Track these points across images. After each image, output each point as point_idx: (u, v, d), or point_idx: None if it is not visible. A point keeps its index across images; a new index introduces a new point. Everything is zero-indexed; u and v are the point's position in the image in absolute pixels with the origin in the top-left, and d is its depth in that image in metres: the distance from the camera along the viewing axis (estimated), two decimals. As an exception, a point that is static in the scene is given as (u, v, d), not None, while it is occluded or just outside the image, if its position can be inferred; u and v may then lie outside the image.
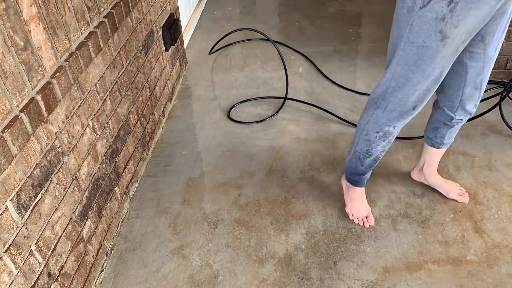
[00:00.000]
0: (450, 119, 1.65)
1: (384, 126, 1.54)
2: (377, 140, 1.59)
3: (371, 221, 1.78)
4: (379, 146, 1.60)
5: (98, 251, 1.66)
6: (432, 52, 1.33)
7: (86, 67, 1.50)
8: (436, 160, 1.83)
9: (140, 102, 2.05)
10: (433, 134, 1.75)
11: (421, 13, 1.28)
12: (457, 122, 1.66)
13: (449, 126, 1.68)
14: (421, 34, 1.31)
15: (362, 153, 1.65)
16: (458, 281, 1.56)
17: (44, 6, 1.27)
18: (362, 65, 2.87)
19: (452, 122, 1.66)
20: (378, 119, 1.54)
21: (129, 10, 1.87)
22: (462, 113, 1.62)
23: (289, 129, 2.33)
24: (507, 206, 1.82)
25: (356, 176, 1.76)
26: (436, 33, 1.29)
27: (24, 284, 1.21)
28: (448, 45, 1.31)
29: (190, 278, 1.62)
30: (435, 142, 1.77)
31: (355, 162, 1.70)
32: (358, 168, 1.71)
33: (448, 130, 1.70)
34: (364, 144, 1.62)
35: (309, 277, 1.60)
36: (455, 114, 1.62)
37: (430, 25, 1.28)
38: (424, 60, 1.35)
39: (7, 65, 1.11)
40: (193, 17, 3.47)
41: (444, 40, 1.30)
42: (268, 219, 1.83)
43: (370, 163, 1.68)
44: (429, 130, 1.77)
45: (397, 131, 1.57)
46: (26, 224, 1.21)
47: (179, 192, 1.99)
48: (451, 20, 1.25)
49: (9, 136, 1.12)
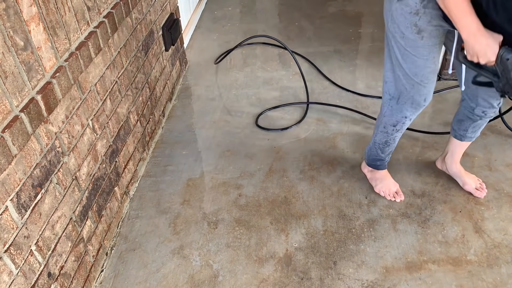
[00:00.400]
0: (471, 111, 1.66)
1: (400, 119, 1.64)
2: (394, 132, 1.72)
3: (401, 195, 1.88)
4: (396, 137, 1.75)
5: (98, 251, 1.66)
6: (412, 44, 1.40)
7: (86, 67, 1.50)
8: (458, 151, 1.86)
9: (140, 102, 2.05)
10: (457, 126, 1.78)
11: (398, 5, 1.35)
12: (479, 116, 1.65)
13: (472, 119, 1.69)
14: (400, 26, 1.38)
15: (381, 143, 1.79)
16: (458, 281, 1.56)
17: (44, 6, 1.27)
18: (362, 65, 2.86)
19: (474, 115, 1.66)
20: (393, 112, 1.63)
21: (129, 10, 1.87)
22: (485, 104, 1.60)
23: (289, 129, 2.33)
24: (507, 206, 1.82)
25: (378, 161, 1.88)
26: (412, 26, 1.36)
27: (24, 284, 1.21)
28: (426, 38, 1.37)
29: (190, 278, 1.62)
30: (458, 133, 1.80)
31: (375, 150, 1.84)
32: (379, 155, 1.85)
33: (472, 124, 1.71)
34: (382, 135, 1.76)
35: (309, 277, 1.60)
36: (476, 104, 1.62)
37: (406, 18, 1.35)
38: (409, 51, 1.42)
39: (7, 65, 1.11)
40: (193, 17, 3.47)
41: (421, 33, 1.36)
42: (268, 219, 1.83)
43: (390, 150, 1.83)
44: (454, 121, 1.80)
45: (411, 120, 1.66)
46: (26, 224, 1.21)
47: (179, 192, 1.99)
48: (424, 16, 1.31)
49: (9, 136, 1.12)
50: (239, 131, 2.34)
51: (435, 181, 1.95)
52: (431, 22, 1.33)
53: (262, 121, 2.39)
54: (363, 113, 2.38)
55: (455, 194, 1.89)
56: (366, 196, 1.91)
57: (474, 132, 1.75)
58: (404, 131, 1.77)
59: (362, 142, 2.21)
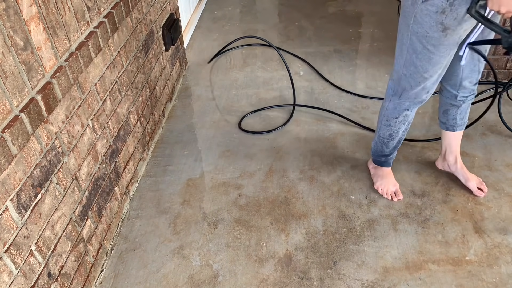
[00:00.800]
0: (455, 98, 1.73)
1: (402, 111, 1.70)
2: (397, 124, 1.75)
3: (399, 195, 1.88)
4: (400, 129, 1.77)
5: (98, 251, 1.66)
6: (435, 42, 1.44)
7: (86, 67, 1.50)
8: (455, 144, 1.88)
9: (140, 102, 2.05)
10: (445, 117, 1.83)
11: (423, 6, 1.38)
12: (462, 100, 1.73)
13: (456, 106, 1.76)
14: (424, 25, 1.42)
15: (385, 137, 1.82)
16: (458, 281, 1.56)
17: (44, 6, 1.27)
18: (362, 65, 2.86)
19: (458, 101, 1.74)
20: (395, 106, 1.70)
21: (129, 10, 1.87)
22: (465, 90, 1.70)
23: (289, 129, 2.33)
24: (507, 206, 1.82)
25: (382, 157, 1.90)
26: (438, 24, 1.40)
27: (24, 284, 1.21)
28: (449, 35, 1.42)
29: (190, 278, 1.62)
30: (449, 125, 1.83)
31: (380, 145, 1.86)
32: (384, 150, 1.87)
33: (457, 110, 1.78)
34: (386, 129, 1.79)
35: (309, 277, 1.60)
36: (458, 91, 1.71)
37: (431, 18, 1.39)
38: (429, 49, 1.47)
39: (7, 65, 1.11)
40: (193, 17, 3.47)
41: (445, 31, 1.41)
42: (268, 219, 1.83)
43: (395, 145, 1.84)
44: (441, 115, 1.85)
45: (414, 113, 1.72)
46: (26, 224, 1.21)
47: (179, 192, 1.99)
48: (450, 13, 1.35)
49: (9, 136, 1.12)
50: (239, 131, 2.34)
51: (435, 181, 1.95)
52: (456, 19, 1.37)
53: (262, 121, 2.39)
54: (352, 121, 2.35)
55: (455, 194, 1.89)
56: (366, 196, 1.91)
57: (462, 119, 1.80)
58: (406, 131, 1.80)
59: (362, 142, 2.21)
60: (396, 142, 1.83)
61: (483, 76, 2.57)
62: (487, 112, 2.31)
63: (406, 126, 1.77)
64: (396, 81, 1.65)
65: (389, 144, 1.84)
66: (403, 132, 1.80)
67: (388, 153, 1.88)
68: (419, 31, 1.45)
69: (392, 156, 1.89)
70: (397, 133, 1.79)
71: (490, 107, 2.03)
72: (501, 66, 2.54)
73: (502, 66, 2.54)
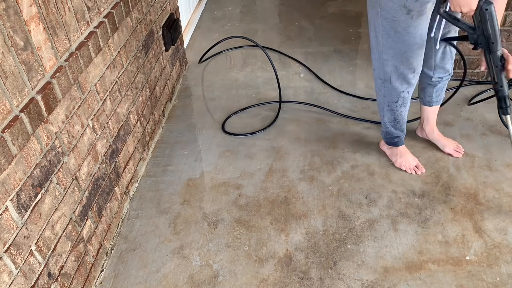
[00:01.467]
0: (430, 78, 1.91)
1: (399, 94, 1.83)
2: (398, 108, 1.89)
3: (422, 169, 2.00)
4: (403, 111, 1.92)
5: (98, 251, 1.66)
6: (404, 25, 1.59)
7: (86, 67, 1.50)
8: (432, 117, 2.06)
9: (140, 102, 2.05)
10: (422, 94, 2.01)
11: None
12: (438, 80, 1.91)
13: (432, 85, 1.93)
14: (390, 11, 1.57)
15: (391, 121, 1.95)
16: (458, 281, 1.56)
17: (44, 6, 1.27)
18: (362, 65, 2.86)
19: (433, 81, 1.91)
20: (390, 91, 1.83)
21: (129, 10, 1.87)
22: (440, 71, 1.88)
23: (289, 129, 2.33)
24: (507, 206, 1.82)
25: (395, 138, 2.02)
26: (401, 8, 1.54)
27: (24, 284, 1.21)
28: (415, 17, 1.56)
29: (190, 278, 1.62)
30: (425, 100, 2.02)
31: (389, 129, 1.99)
32: (393, 132, 1.99)
33: (433, 89, 1.95)
34: (389, 114, 1.93)
35: (309, 277, 1.60)
36: (433, 73, 1.89)
37: (394, 3, 1.55)
38: (401, 32, 1.62)
39: (7, 65, 1.11)
40: (193, 17, 3.47)
41: (410, 13, 1.55)
42: (268, 219, 1.83)
43: (402, 126, 1.98)
44: (419, 90, 2.03)
45: (410, 93, 1.85)
46: (26, 224, 1.21)
47: (179, 192, 1.99)
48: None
49: (9, 136, 1.12)
50: (235, 124, 2.34)
51: (435, 181, 1.95)
52: (418, 0, 1.51)
53: (262, 120, 2.39)
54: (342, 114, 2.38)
55: (455, 194, 1.89)
56: (366, 196, 1.91)
57: (438, 96, 1.98)
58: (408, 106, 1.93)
59: (362, 142, 2.21)
60: (402, 123, 1.96)
61: (482, 76, 2.57)
62: (487, 112, 2.32)
63: (407, 107, 1.90)
64: (380, 69, 1.78)
65: (396, 126, 1.96)
66: (406, 113, 1.93)
67: (398, 134, 2.00)
68: (387, 17, 1.59)
69: (403, 135, 2.01)
70: (401, 116, 1.93)
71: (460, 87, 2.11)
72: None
73: (502, 66, 2.54)
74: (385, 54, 1.71)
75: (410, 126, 2.21)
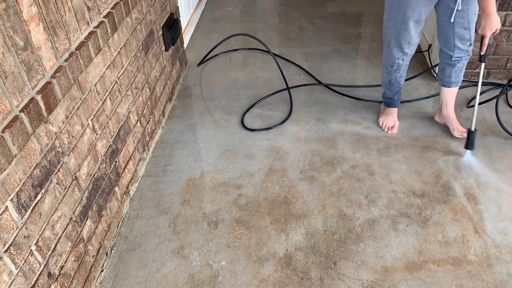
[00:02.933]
0: (450, 58, 2.04)
1: (395, 60, 2.07)
2: (393, 72, 2.13)
3: (394, 130, 2.23)
4: (397, 77, 2.14)
5: (98, 251, 1.66)
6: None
7: (86, 67, 1.50)
8: (450, 99, 2.18)
9: (140, 102, 2.05)
10: (441, 74, 2.15)
11: None
12: (457, 60, 2.03)
13: (452, 65, 2.06)
14: None
15: (386, 82, 2.20)
16: (458, 281, 1.56)
17: (44, 6, 1.27)
18: (362, 65, 2.86)
19: (453, 61, 2.04)
20: (388, 55, 2.09)
21: (129, 10, 1.87)
22: (459, 51, 2.00)
23: (289, 129, 2.33)
24: (507, 206, 1.82)
25: (387, 99, 2.27)
26: None
27: (24, 284, 1.21)
28: None
29: (190, 278, 1.62)
30: (445, 81, 2.15)
31: (385, 89, 2.25)
32: (386, 93, 2.25)
33: (453, 69, 2.08)
34: (386, 76, 2.18)
35: (309, 277, 1.60)
36: (453, 52, 2.01)
37: None
38: (403, 4, 1.86)
39: (7, 65, 1.11)
40: (193, 17, 3.47)
41: None
42: (268, 219, 1.83)
43: (396, 90, 2.20)
44: (439, 72, 2.17)
45: (406, 63, 2.09)
46: (26, 224, 1.21)
47: (179, 192, 1.99)
48: None
49: (9, 136, 1.12)
50: (239, 131, 2.34)
51: (435, 181, 1.95)
52: None
53: (260, 120, 2.40)
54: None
55: (455, 194, 1.89)
56: (366, 196, 1.91)
57: (456, 77, 2.10)
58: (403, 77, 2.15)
59: (362, 142, 2.21)
60: (396, 87, 2.18)
61: (483, 76, 2.56)
62: (487, 113, 2.32)
63: (402, 73, 2.12)
64: (384, 33, 2.04)
65: (390, 89, 2.20)
66: (400, 79, 2.14)
67: (392, 96, 2.22)
68: None
69: (395, 99, 2.23)
70: (396, 81, 2.15)
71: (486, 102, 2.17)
72: (501, 66, 2.54)
73: (502, 66, 2.54)
74: (388, 22, 1.98)
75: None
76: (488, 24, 1.77)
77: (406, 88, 2.54)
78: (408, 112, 2.38)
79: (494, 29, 1.78)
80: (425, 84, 2.61)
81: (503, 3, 2.29)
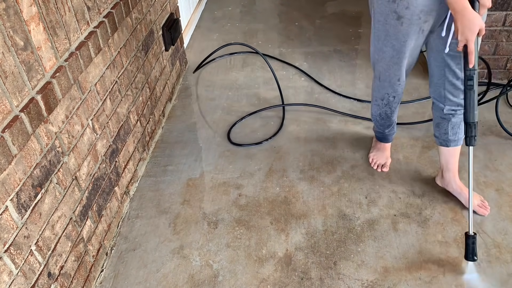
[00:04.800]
0: (441, 110, 1.73)
1: (385, 95, 1.81)
2: (383, 106, 1.86)
3: (385, 168, 2.02)
4: (387, 111, 1.88)
5: (98, 251, 1.66)
6: (393, 29, 1.57)
7: (86, 67, 1.50)
8: (452, 161, 1.81)
9: (140, 102, 2.05)
10: (438, 131, 1.80)
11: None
12: (451, 113, 1.71)
13: (446, 119, 1.74)
14: (382, 14, 1.57)
15: (376, 115, 1.94)
16: (458, 281, 1.56)
17: (44, 6, 1.27)
18: (362, 65, 2.86)
19: (446, 114, 1.72)
20: (379, 88, 1.82)
21: (129, 10, 1.87)
22: (451, 103, 1.69)
23: (289, 129, 2.33)
24: (507, 206, 1.82)
25: (377, 133, 2.05)
26: (392, 13, 1.53)
27: (24, 284, 1.21)
28: (405, 24, 1.53)
29: (190, 278, 1.62)
30: (442, 140, 1.79)
31: (374, 122, 2.00)
32: (377, 126, 2.00)
33: (449, 124, 1.74)
34: (375, 108, 1.91)
35: (309, 277, 1.60)
36: (444, 104, 1.71)
37: (386, 7, 1.54)
38: (391, 36, 1.60)
39: (7, 65, 1.11)
40: (193, 17, 3.47)
41: (400, 20, 1.53)
42: (268, 219, 1.83)
43: (385, 123, 1.93)
44: (434, 129, 1.83)
45: (398, 101, 1.83)
46: (26, 224, 1.21)
47: (179, 192, 1.99)
48: (401, 2, 1.48)
49: (9, 136, 1.12)
50: (239, 131, 2.34)
51: (435, 181, 1.95)
52: (409, 8, 1.48)
53: (263, 121, 2.39)
54: (344, 113, 2.38)
55: (455, 194, 1.89)
56: (366, 196, 1.91)
57: (455, 134, 1.75)
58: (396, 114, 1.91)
59: (362, 142, 2.21)
60: (388, 122, 1.93)
61: (482, 76, 2.57)
62: (487, 113, 2.32)
63: (393, 110, 1.86)
64: (373, 65, 1.78)
65: (381, 122, 1.94)
66: (391, 114, 1.89)
67: (383, 130, 1.99)
68: (380, 19, 1.59)
69: (388, 133, 1.99)
70: (385, 114, 1.89)
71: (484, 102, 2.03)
72: (501, 66, 2.54)
73: (502, 66, 2.54)
74: (376, 54, 1.71)
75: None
76: (466, 24, 1.37)
77: (406, 88, 2.54)
78: (408, 112, 2.38)
79: (475, 29, 1.37)
80: (425, 84, 2.60)
81: (503, 3, 2.29)
